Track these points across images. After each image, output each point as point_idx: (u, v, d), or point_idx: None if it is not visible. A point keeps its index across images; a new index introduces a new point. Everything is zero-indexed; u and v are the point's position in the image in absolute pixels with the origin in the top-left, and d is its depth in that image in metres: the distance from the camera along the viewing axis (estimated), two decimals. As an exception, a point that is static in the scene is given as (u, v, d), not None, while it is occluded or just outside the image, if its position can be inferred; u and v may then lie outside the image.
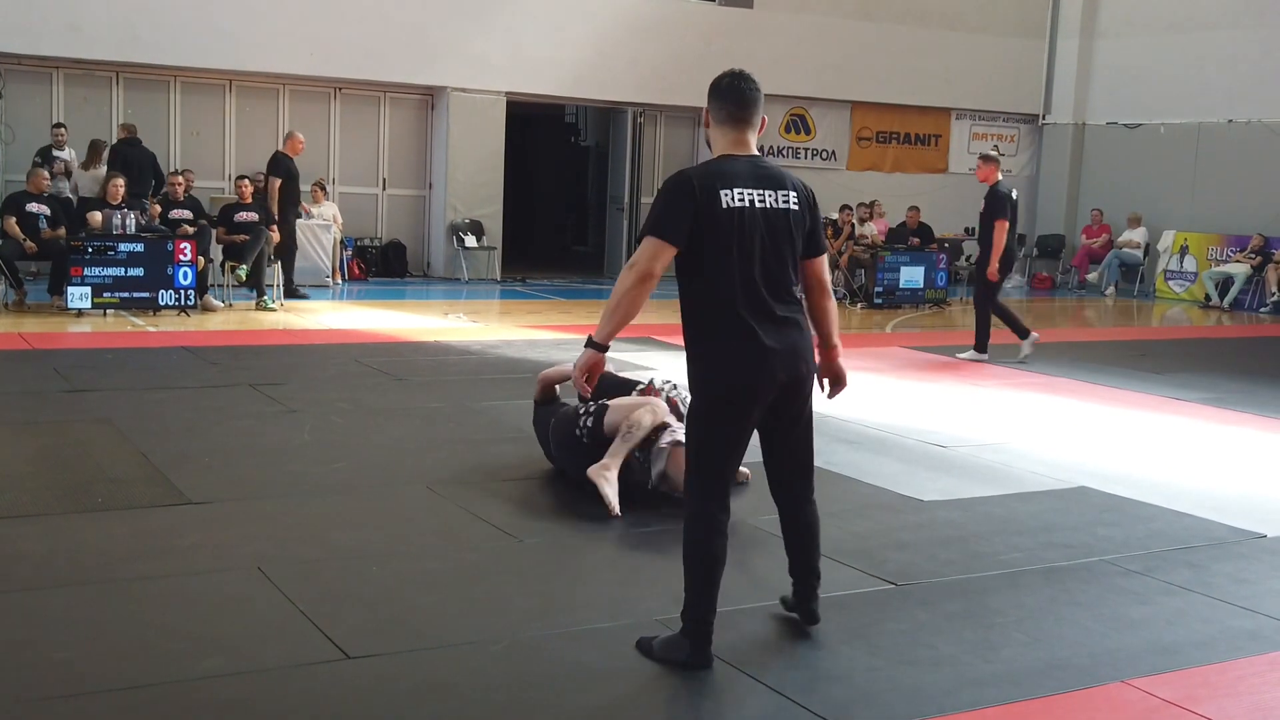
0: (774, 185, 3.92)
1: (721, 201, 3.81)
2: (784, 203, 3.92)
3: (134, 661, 3.72)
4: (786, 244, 3.91)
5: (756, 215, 3.85)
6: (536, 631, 4.08)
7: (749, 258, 3.83)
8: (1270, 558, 5.29)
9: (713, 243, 3.81)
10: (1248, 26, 17.92)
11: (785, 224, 3.90)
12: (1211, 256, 17.91)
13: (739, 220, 3.82)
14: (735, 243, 3.81)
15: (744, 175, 3.89)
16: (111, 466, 5.94)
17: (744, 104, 4.00)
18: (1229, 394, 9.50)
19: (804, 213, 3.97)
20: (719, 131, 4.02)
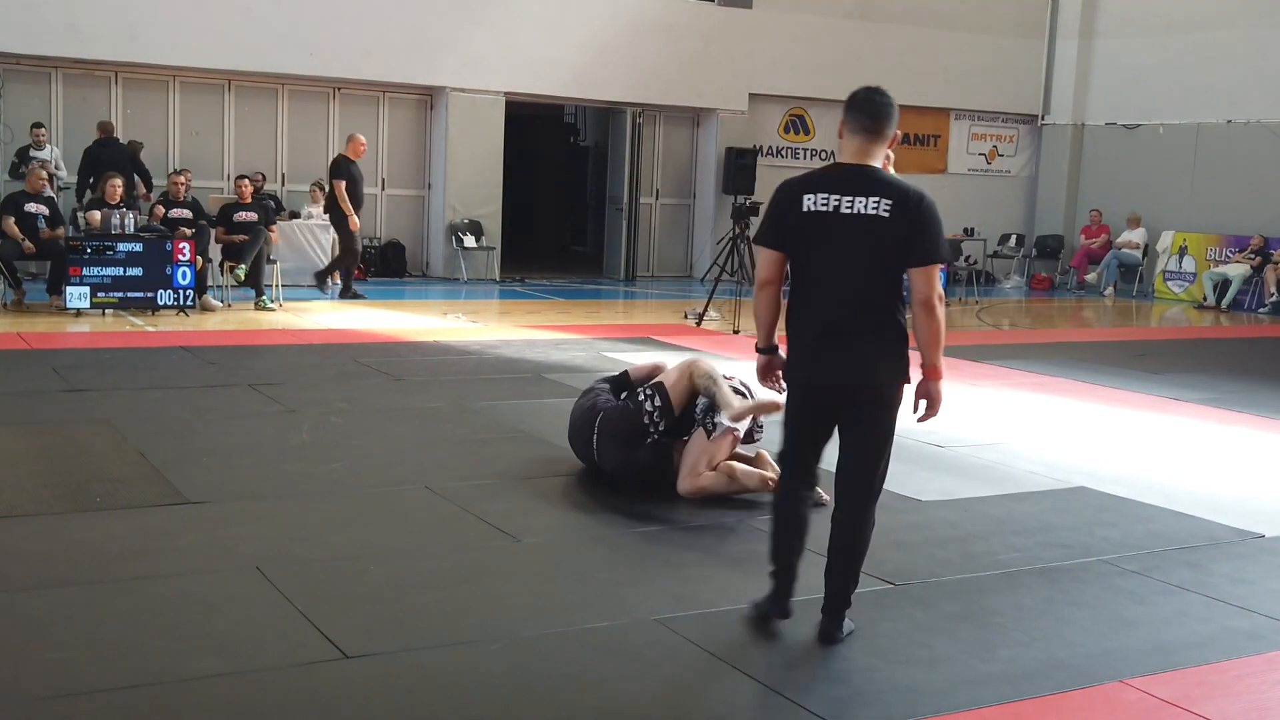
0: (865, 191, 3.91)
1: (802, 205, 3.96)
2: (872, 209, 3.89)
3: (131, 661, 3.72)
4: (868, 250, 3.92)
5: (836, 220, 3.92)
6: (534, 631, 4.08)
7: (821, 261, 3.96)
8: (1268, 558, 5.29)
9: (794, 245, 4.01)
10: (1246, 27, 17.93)
11: (870, 230, 3.89)
12: (1210, 257, 17.92)
13: (815, 225, 3.94)
14: (810, 246, 3.97)
15: (836, 181, 3.96)
16: (109, 466, 5.94)
17: (874, 115, 4.01)
18: (1227, 394, 9.50)
19: (898, 220, 3.89)
20: (845, 141, 4.07)
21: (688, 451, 5.77)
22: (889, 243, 3.90)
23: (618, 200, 17.69)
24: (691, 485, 5.72)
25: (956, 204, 19.37)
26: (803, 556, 4.18)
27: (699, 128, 18.37)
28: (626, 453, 5.84)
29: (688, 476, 5.73)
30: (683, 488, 5.75)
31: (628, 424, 5.82)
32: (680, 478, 5.76)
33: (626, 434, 5.82)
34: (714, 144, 18.00)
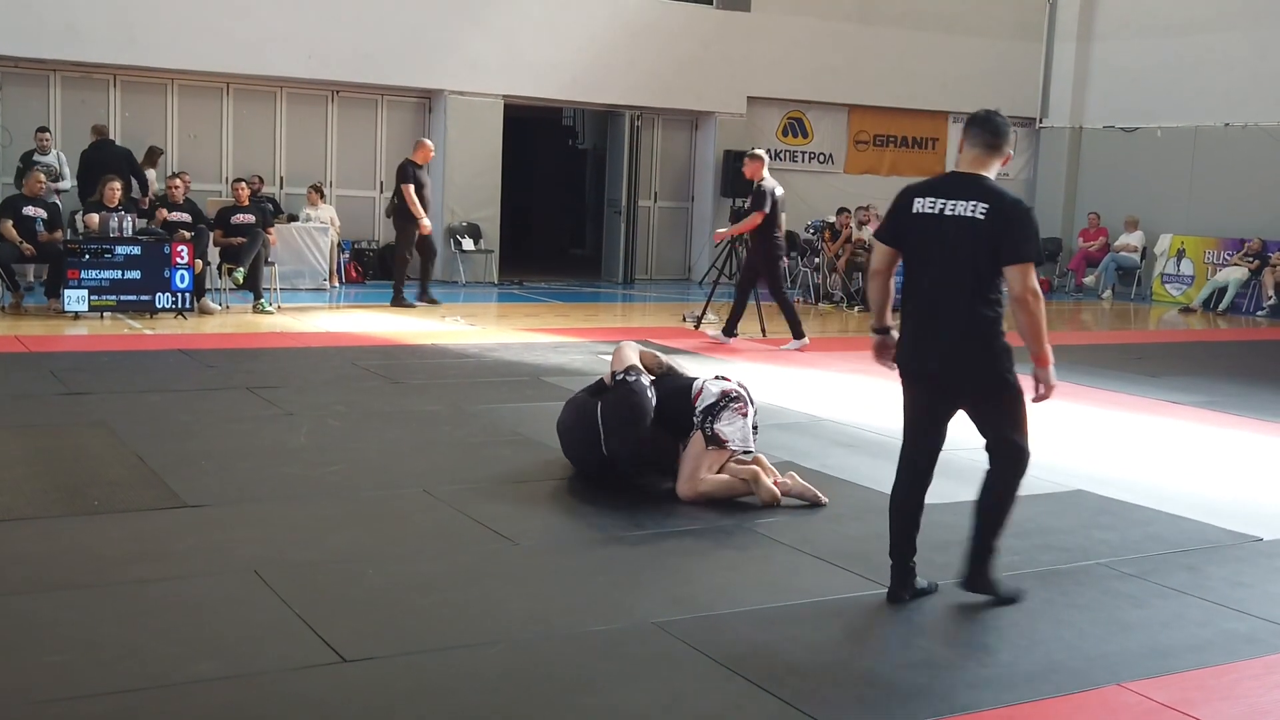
0: (967, 196, 4.31)
1: (913, 207, 4.41)
2: (970, 212, 4.28)
3: (129, 665, 3.72)
4: (966, 249, 4.28)
5: (939, 221, 4.33)
6: (532, 634, 4.08)
7: (925, 259, 4.39)
8: (1266, 561, 5.29)
9: (906, 244, 4.46)
10: (1244, 30, 17.95)
11: (967, 231, 4.27)
12: (1208, 260, 17.94)
13: (923, 225, 4.37)
14: (917, 244, 4.40)
15: (945, 186, 4.40)
16: (107, 469, 5.94)
17: (995, 132, 4.43)
18: (1225, 397, 9.50)
19: (994, 222, 4.25)
20: (963, 153, 4.48)
21: (686, 456, 5.79)
22: (984, 243, 4.26)
23: (616, 203, 17.69)
24: (691, 489, 5.74)
25: (955, 207, 19.37)
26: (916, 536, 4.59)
27: (697, 130, 18.38)
28: (637, 430, 5.84)
29: (687, 480, 5.75)
30: (682, 491, 5.76)
31: (629, 401, 5.87)
32: (680, 481, 5.78)
33: (632, 409, 5.86)
34: (712, 147, 18.02)
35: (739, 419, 5.79)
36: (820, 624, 4.29)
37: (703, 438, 5.75)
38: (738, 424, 5.78)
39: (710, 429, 5.74)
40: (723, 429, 5.74)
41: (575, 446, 6.14)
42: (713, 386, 5.90)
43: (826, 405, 8.43)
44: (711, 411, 5.77)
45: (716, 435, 5.74)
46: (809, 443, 7.21)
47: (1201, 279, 17.91)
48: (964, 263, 4.29)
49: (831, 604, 4.50)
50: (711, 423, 5.75)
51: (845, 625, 4.30)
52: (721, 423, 5.75)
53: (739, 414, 5.79)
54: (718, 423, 5.75)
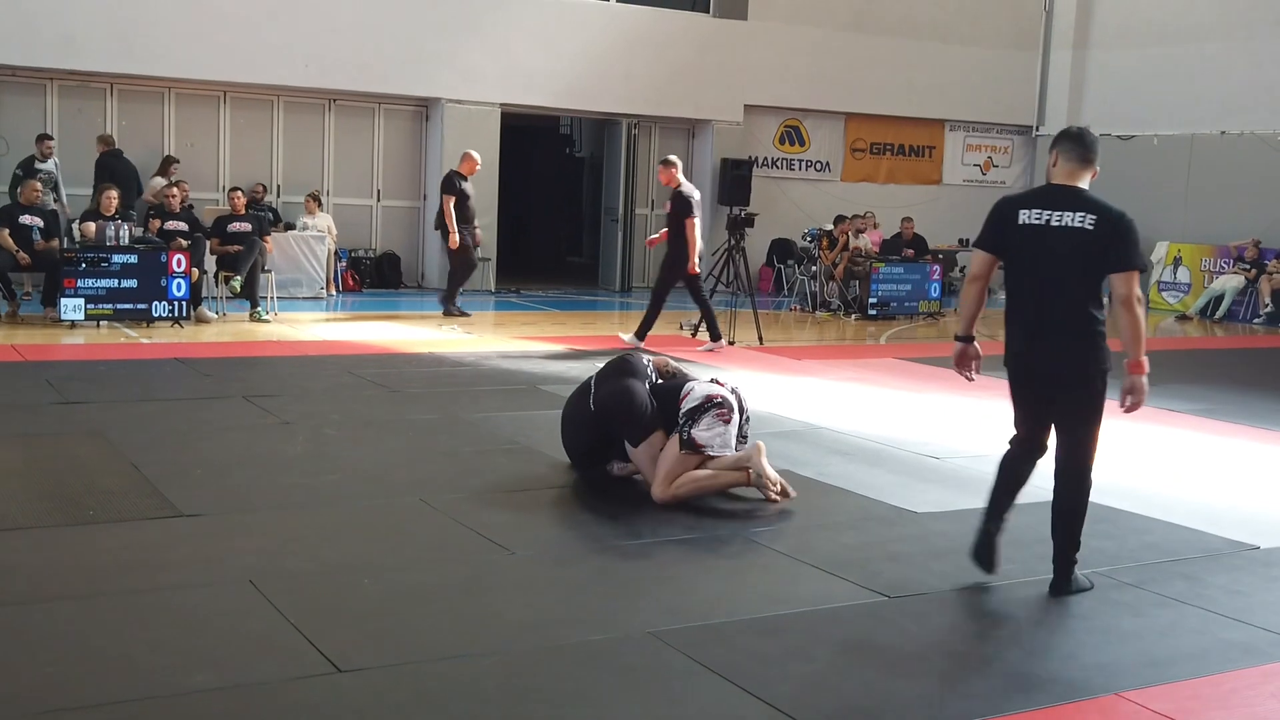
0: (1073, 207, 4.61)
1: (1019, 219, 4.68)
2: (1079, 222, 4.57)
3: (123, 676, 3.70)
4: (1075, 257, 4.58)
5: (1044, 232, 4.62)
6: (529, 644, 4.07)
7: (1033, 266, 4.67)
8: (1263, 569, 5.29)
9: (1009, 253, 4.75)
10: (1240, 39, 17.99)
11: (1076, 240, 4.57)
12: (1205, 268, 17.96)
13: (1029, 235, 4.65)
14: (1023, 253, 4.69)
15: (1048, 199, 4.68)
16: (103, 479, 5.93)
17: (1087, 146, 4.76)
18: (1222, 405, 9.50)
19: (1101, 232, 4.55)
20: (1057, 167, 4.76)
21: (662, 459, 5.79)
22: (1091, 251, 4.55)
23: (613, 211, 17.71)
24: (666, 492, 5.76)
25: (951, 215, 19.42)
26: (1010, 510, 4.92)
27: (694, 139, 18.39)
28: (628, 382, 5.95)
29: (662, 483, 5.78)
30: (656, 494, 5.79)
31: (623, 358, 6.17)
32: (655, 484, 5.79)
33: (626, 370, 6.06)
34: (709, 155, 18.03)
35: (720, 425, 5.78)
36: (817, 633, 4.28)
37: (678, 441, 5.75)
38: (717, 429, 5.77)
39: (687, 433, 5.75)
40: (700, 434, 5.75)
41: (569, 420, 6.22)
42: (700, 389, 5.89)
43: (824, 413, 8.42)
44: (693, 415, 5.77)
45: (692, 440, 5.76)
46: (806, 451, 7.20)
47: (1198, 287, 17.94)
48: (1072, 270, 4.58)
49: (828, 613, 4.49)
50: (690, 427, 5.75)
51: (842, 635, 4.29)
52: (700, 428, 5.75)
53: (721, 420, 5.79)
54: (696, 427, 5.75)
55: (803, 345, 12.71)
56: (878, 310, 15.17)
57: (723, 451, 5.80)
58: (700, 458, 5.79)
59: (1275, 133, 17.66)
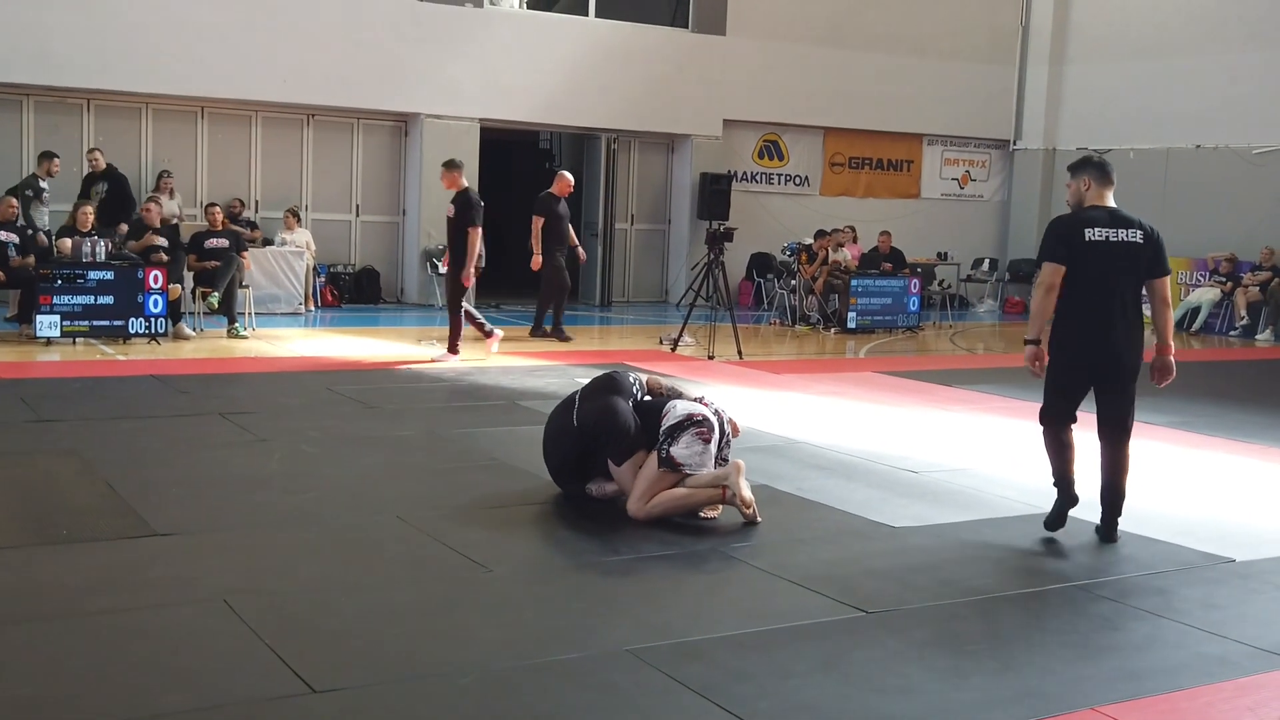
0: (1125, 225, 5.67)
1: (1085, 236, 5.63)
2: (1132, 237, 5.65)
3: (97, 697, 3.67)
4: (1131, 267, 5.67)
5: (1110, 246, 5.62)
6: (506, 663, 4.05)
7: (1099, 276, 5.63)
8: (1239, 582, 5.31)
9: (1076, 265, 5.62)
10: (1214, 54, 18.15)
11: (1131, 252, 5.65)
12: (1182, 280, 18.07)
13: (1096, 250, 5.62)
14: (1090, 265, 5.62)
15: (1105, 219, 5.67)
16: (77, 498, 5.88)
17: (1110, 172, 5.83)
18: (1198, 418, 9.55)
19: (1147, 245, 5.69)
20: (1092, 190, 5.77)
21: (640, 475, 5.79)
22: (1141, 261, 5.67)
23: (593, 226, 17.72)
24: (641, 509, 5.76)
25: (929, 229, 19.52)
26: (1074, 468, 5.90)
27: (673, 153, 18.43)
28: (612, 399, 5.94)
29: (639, 500, 5.78)
30: (632, 509, 5.79)
31: (614, 382, 6.11)
32: (630, 500, 5.80)
33: (612, 387, 6.06)
34: (688, 169, 18.07)
35: (699, 444, 5.78)
36: (795, 649, 4.27)
37: (657, 458, 5.75)
38: (696, 448, 5.77)
39: (666, 451, 5.75)
40: (678, 452, 5.74)
41: (552, 435, 6.19)
42: (682, 408, 5.89)
43: (802, 427, 8.43)
44: (673, 433, 5.76)
45: (670, 458, 5.76)
46: (784, 465, 7.21)
47: (1175, 300, 18.03)
48: (1129, 277, 5.68)
49: (807, 628, 4.49)
50: (669, 445, 5.75)
51: (820, 650, 4.28)
52: (679, 446, 5.75)
53: (700, 439, 5.78)
54: (675, 445, 5.75)
55: (782, 359, 12.73)
56: (856, 323, 15.21)
57: (700, 471, 5.80)
58: (678, 476, 5.78)
59: (1250, 146, 17.80)
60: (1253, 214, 17.58)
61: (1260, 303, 16.82)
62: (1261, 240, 17.25)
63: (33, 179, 13.19)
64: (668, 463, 5.75)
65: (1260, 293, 16.85)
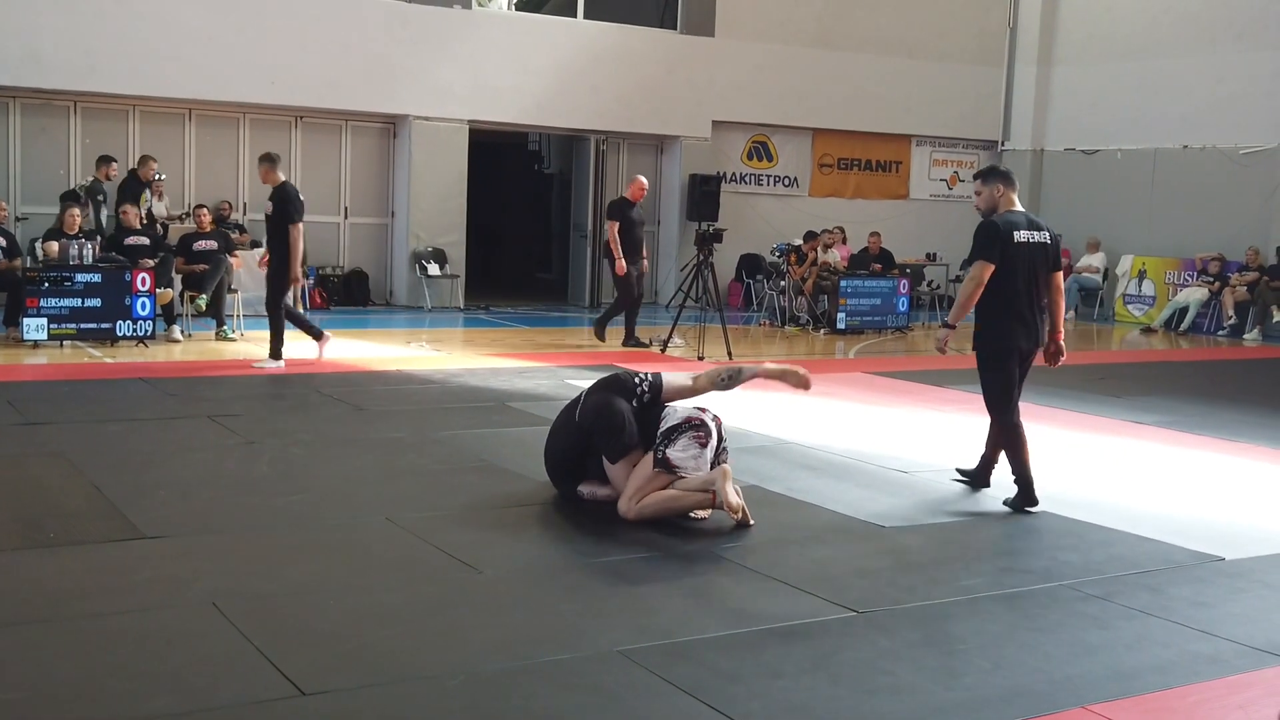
0: (1037, 228, 6.46)
1: (1015, 238, 6.33)
2: (1044, 238, 6.45)
3: (84, 701, 3.65)
4: (1042, 263, 6.41)
5: (1030, 246, 6.37)
6: (496, 665, 4.04)
7: (1021, 271, 6.32)
8: (1228, 581, 5.32)
9: (1007, 263, 6.30)
10: (1202, 54, 18.21)
11: (1043, 251, 6.42)
12: (1169, 280, 18.13)
13: (1021, 250, 6.33)
14: (1016, 263, 6.31)
15: (1024, 221, 6.44)
16: (64, 501, 5.85)
17: (1014, 180, 6.75)
18: (1187, 417, 9.57)
19: (1052, 244, 6.49)
20: (1004, 197, 6.57)
21: (634, 475, 5.79)
22: (1048, 259, 6.45)
23: (582, 227, 17.71)
24: (632, 508, 5.76)
25: (918, 229, 19.54)
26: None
27: (662, 155, 18.43)
28: (612, 397, 5.94)
29: (630, 499, 5.78)
30: (623, 509, 5.80)
31: (616, 380, 6.11)
32: (623, 499, 5.80)
33: (612, 385, 6.06)
34: (678, 171, 18.07)
35: (695, 446, 5.77)
36: (785, 650, 4.26)
37: (652, 459, 5.75)
38: (692, 451, 5.77)
39: (662, 452, 5.75)
40: (674, 454, 5.74)
41: (556, 430, 6.21)
42: (681, 410, 5.90)
43: (792, 428, 8.43)
44: (670, 435, 5.77)
45: (666, 460, 5.75)
46: (774, 466, 7.21)
47: (1163, 299, 18.10)
48: (1041, 272, 6.41)
49: (797, 629, 4.49)
50: (665, 446, 5.75)
51: (810, 651, 4.28)
52: (675, 448, 5.75)
53: (697, 442, 5.78)
54: (671, 447, 5.74)
55: (771, 359, 12.71)
56: (846, 324, 15.22)
57: (693, 474, 5.80)
58: (671, 477, 5.78)
59: (1237, 146, 17.86)
60: (1240, 214, 17.64)
61: (1248, 302, 16.88)
62: (1248, 240, 17.31)
63: (96, 183, 13.33)
64: (663, 464, 5.74)
65: (1248, 293, 16.91)
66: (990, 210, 6.53)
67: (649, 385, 6.04)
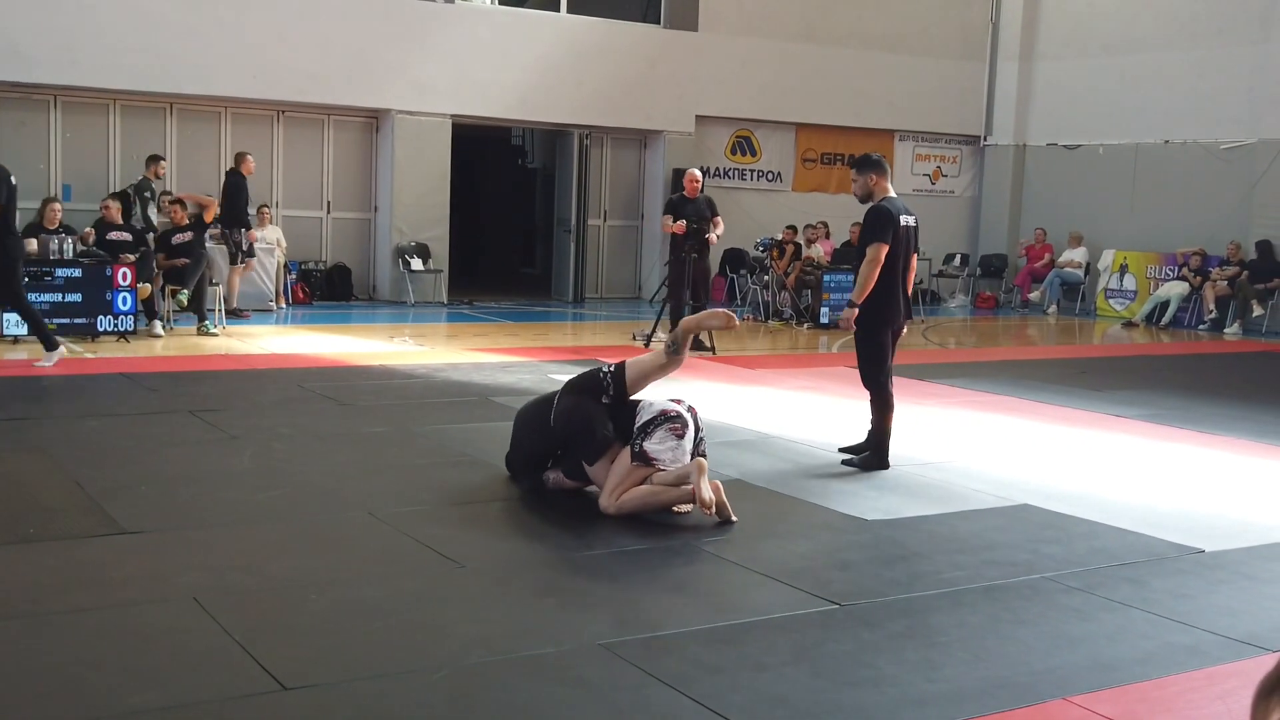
0: (908, 213, 7.14)
1: (900, 222, 7.01)
2: (913, 223, 7.17)
3: (65, 697, 3.63)
4: (910, 247, 7.12)
5: (909, 230, 7.09)
6: (479, 659, 4.03)
7: (901, 254, 7.02)
8: (1208, 573, 5.35)
9: (893, 245, 6.94)
10: (1182, 49, 18.28)
11: (914, 236, 7.16)
12: (1151, 275, 18.20)
13: (903, 233, 7.01)
14: (899, 245, 6.97)
15: (901, 208, 7.08)
16: (44, 496, 5.82)
17: (888, 169, 7.27)
18: (1168, 410, 9.62)
19: (917, 228, 7.23)
20: (879, 185, 7.15)
21: (613, 470, 5.78)
22: (915, 242, 7.19)
23: (566, 222, 17.69)
24: (612, 503, 5.75)
25: (902, 224, 19.53)
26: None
27: (646, 149, 18.42)
28: (584, 400, 5.93)
29: (610, 494, 5.77)
30: (604, 504, 5.78)
31: (584, 379, 6.07)
32: (603, 494, 5.79)
33: (582, 386, 6.03)
34: (661, 165, 18.06)
35: (672, 439, 5.77)
36: (768, 643, 4.27)
37: (630, 453, 5.75)
38: (669, 444, 5.76)
39: (639, 446, 5.75)
40: (651, 447, 5.74)
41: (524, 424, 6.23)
42: (657, 404, 5.89)
43: (776, 422, 8.44)
44: (647, 429, 5.76)
45: (644, 453, 5.75)
46: (758, 460, 7.21)
47: (1144, 294, 18.18)
48: (909, 254, 7.12)
49: (779, 622, 4.49)
50: (643, 440, 5.74)
51: (793, 644, 4.29)
52: (652, 441, 5.74)
53: (673, 434, 5.78)
54: (648, 441, 5.74)
55: (755, 354, 12.74)
56: (829, 319, 15.23)
57: (672, 466, 5.79)
58: (649, 470, 5.77)
59: (1218, 142, 17.94)
60: (1221, 209, 17.72)
61: (1228, 297, 16.96)
62: (1229, 235, 17.40)
63: (145, 181, 13.47)
64: (640, 457, 5.74)
65: (1229, 287, 17.00)
66: (866, 196, 7.17)
67: (612, 378, 6.02)
